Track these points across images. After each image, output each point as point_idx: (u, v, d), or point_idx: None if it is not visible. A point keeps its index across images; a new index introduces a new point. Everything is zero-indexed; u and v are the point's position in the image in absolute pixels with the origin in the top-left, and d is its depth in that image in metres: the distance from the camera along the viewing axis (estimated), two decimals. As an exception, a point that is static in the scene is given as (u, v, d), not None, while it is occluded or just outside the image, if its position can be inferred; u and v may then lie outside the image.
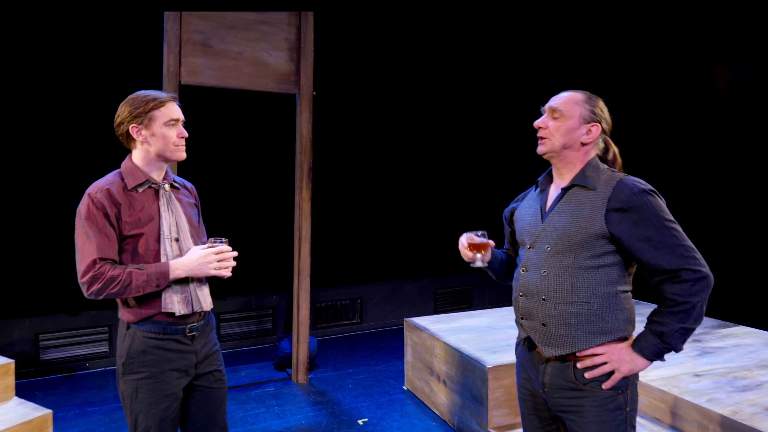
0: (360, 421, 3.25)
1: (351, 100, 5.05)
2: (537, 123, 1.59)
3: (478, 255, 1.68)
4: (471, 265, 1.70)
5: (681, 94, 4.37)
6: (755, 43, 3.84)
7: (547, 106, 1.59)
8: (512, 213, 1.79)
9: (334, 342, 4.88)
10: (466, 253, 1.69)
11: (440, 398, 3.29)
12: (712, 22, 4.12)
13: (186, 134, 1.81)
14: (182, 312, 1.74)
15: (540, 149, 1.59)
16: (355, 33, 4.99)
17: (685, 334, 1.42)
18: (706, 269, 1.41)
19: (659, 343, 1.43)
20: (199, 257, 1.73)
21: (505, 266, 1.83)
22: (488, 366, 2.79)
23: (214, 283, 1.89)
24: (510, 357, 2.91)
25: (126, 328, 1.75)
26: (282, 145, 4.46)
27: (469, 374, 2.96)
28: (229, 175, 4.55)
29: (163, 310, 1.72)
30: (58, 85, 3.90)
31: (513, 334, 3.36)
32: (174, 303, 1.73)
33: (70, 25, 3.89)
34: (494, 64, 5.68)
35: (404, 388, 3.77)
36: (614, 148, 1.62)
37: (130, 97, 1.78)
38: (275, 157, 4.63)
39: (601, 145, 1.60)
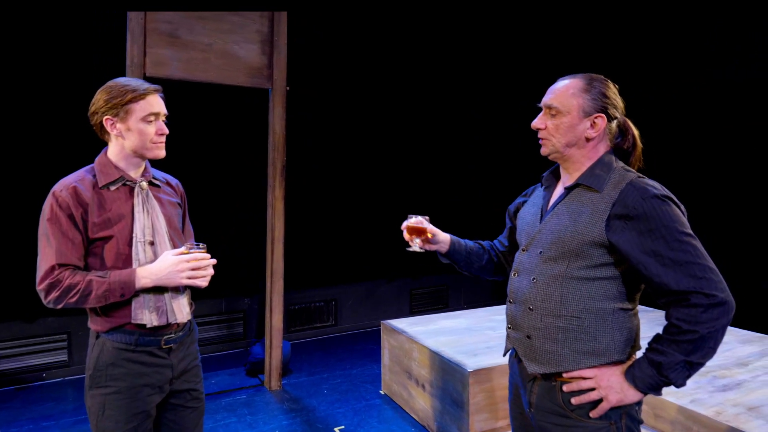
0: (336, 429, 3.14)
1: (327, 95, 4.91)
2: (534, 124, 1.43)
3: (416, 240, 1.64)
4: (407, 248, 1.67)
5: (681, 94, 4.38)
6: (755, 43, 3.87)
7: (543, 102, 1.42)
8: (517, 209, 1.65)
9: (308, 346, 4.75)
10: (405, 235, 1.65)
11: (419, 403, 3.20)
12: (712, 22, 4.14)
13: (166, 131, 1.65)
14: (154, 324, 1.58)
15: (542, 151, 1.44)
16: (333, 24, 4.85)
17: (689, 368, 1.21)
18: (724, 294, 1.19)
19: (655, 374, 1.23)
20: (169, 265, 1.57)
21: (471, 257, 1.70)
22: (469, 370, 2.72)
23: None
24: (490, 360, 2.85)
25: (95, 338, 1.60)
26: (254, 142, 4.31)
27: (449, 378, 2.89)
28: (198, 173, 4.36)
29: (132, 322, 1.57)
30: (58, 86, 3.71)
31: (492, 336, 3.31)
32: (145, 314, 1.57)
33: (70, 25, 3.70)
34: (487, 60, 5.62)
35: (381, 392, 3.67)
36: (633, 131, 1.42)
37: (108, 84, 1.60)
38: (247, 154, 4.47)
39: (614, 130, 1.41)
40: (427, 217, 1.66)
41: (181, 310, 1.64)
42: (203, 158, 4.38)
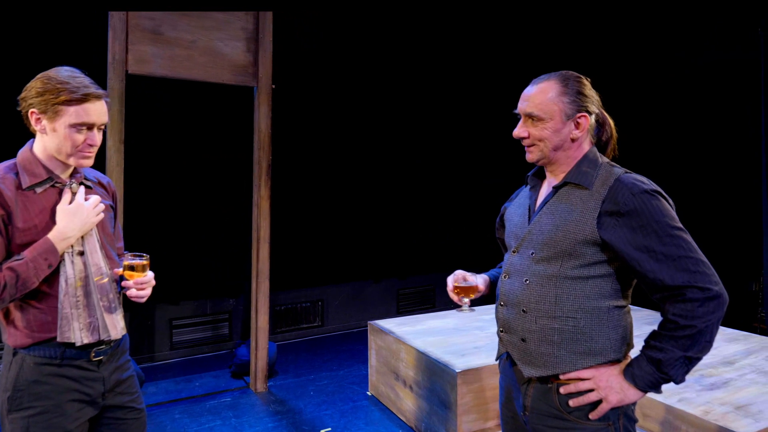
0: (323, 431, 3.10)
1: (314, 94, 4.86)
2: (516, 134, 1.39)
3: (465, 299, 1.54)
4: (457, 310, 1.57)
5: (681, 94, 4.39)
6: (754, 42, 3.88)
7: (520, 110, 1.38)
8: (502, 216, 1.60)
9: (295, 347, 4.70)
10: (452, 295, 1.56)
11: (406, 404, 3.17)
12: (711, 16, 4.14)
13: (97, 143, 1.44)
14: (85, 341, 1.43)
15: (529, 158, 1.40)
16: (319, 21, 4.79)
17: (688, 363, 1.20)
18: (718, 287, 1.19)
19: (655, 372, 1.22)
20: (74, 211, 1.41)
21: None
22: (457, 370, 2.70)
23: (167, 286, 1.66)
24: (478, 360, 2.83)
25: (11, 355, 1.42)
26: (239, 140, 4.25)
27: (437, 379, 2.86)
28: (182, 172, 4.29)
29: (59, 340, 1.40)
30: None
31: (480, 335, 3.30)
32: (74, 332, 1.41)
33: (69, 24, 3.62)
34: (485, 58, 5.57)
35: (368, 393, 3.64)
36: (609, 121, 1.42)
37: (48, 72, 1.42)
38: (232, 153, 4.40)
39: (594, 125, 1.39)
40: (474, 274, 1.58)
41: (115, 326, 1.50)
42: (187, 157, 4.31)
